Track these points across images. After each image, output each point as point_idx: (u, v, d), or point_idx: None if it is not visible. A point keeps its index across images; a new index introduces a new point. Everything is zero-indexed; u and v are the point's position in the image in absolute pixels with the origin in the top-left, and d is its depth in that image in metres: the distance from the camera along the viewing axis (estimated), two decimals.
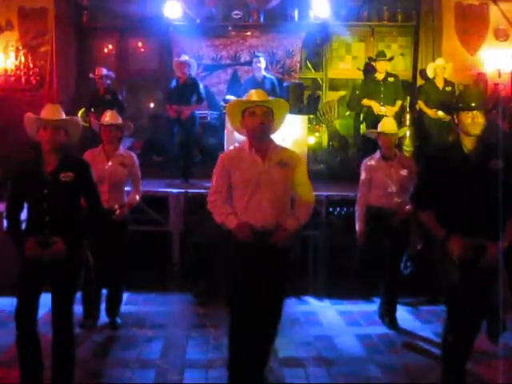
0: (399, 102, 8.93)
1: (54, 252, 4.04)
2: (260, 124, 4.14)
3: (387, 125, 5.96)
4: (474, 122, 3.92)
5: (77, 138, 4.36)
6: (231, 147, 4.43)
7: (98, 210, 4.38)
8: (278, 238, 4.09)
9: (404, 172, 5.83)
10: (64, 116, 4.24)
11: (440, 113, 8.86)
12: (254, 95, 4.24)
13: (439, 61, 9.14)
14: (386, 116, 7.09)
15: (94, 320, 5.85)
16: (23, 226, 4.24)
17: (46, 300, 4.15)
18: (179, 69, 8.99)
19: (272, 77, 9.68)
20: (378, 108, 8.72)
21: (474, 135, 3.96)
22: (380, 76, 8.99)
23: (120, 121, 5.92)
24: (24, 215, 4.24)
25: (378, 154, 5.99)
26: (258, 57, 9.55)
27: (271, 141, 4.31)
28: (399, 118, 9.50)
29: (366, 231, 5.92)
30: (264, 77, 9.45)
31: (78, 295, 4.61)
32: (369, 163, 6.00)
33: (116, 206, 5.69)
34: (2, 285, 6.00)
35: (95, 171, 4.50)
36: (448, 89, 9.00)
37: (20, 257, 4.13)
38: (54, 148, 4.13)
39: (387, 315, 5.99)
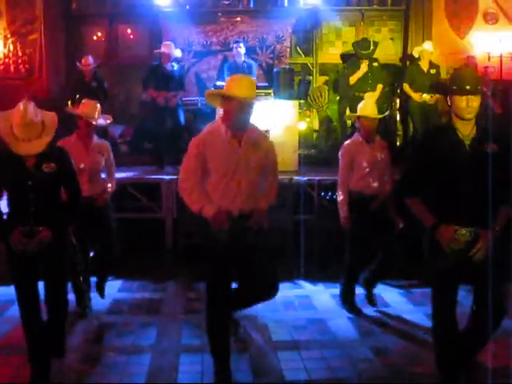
0: (380, 86, 8.93)
1: (40, 241, 4.05)
2: (243, 120, 4.15)
3: (367, 108, 5.87)
4: (468, 105, 3.76)
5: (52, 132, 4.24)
6: (204, 129, 4.36)
7: (79, 196, 4.38)
8: (255, 221, 4.17)
9: (383, 155, 5.83)
10: (38, 117, 4.07)
11: (425, 96, 8.87)
12: (244, 89, 4.11)
13: (427, 44, 9.11)
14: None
15: (84, 307, 5.86)
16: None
17: None
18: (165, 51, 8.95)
19: (252, 62, 9.70)
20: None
21: (468, 119, 3.83)
22: (363, 62, 9.02)
23: (109, 120, 6.06)
24: (3, 207, 4.22)
25: (358, 138, 5.92)
26: (238, 42, 9.66)
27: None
28: (387, 102, 9.51)
29: (351, 216, 5.91)
30: (244, 62, 9.50)
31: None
32: (349, 147, 5.94)
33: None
34: None
35: (75, 162, 4.50)
36: (432, 71, 9.00)
37: (6, 249, 4.12)
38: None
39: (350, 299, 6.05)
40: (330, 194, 7.57)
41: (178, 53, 9.13)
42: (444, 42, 9.53)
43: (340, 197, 5.92)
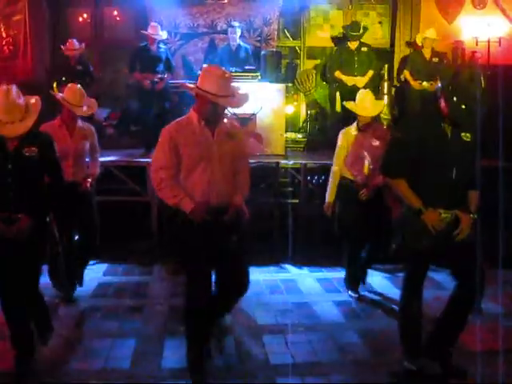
0: (371, 72, 8.98)
1: (18, 228, 4.00)
2: (217, 113, 4.08)
3: (366, 108, 5.84)
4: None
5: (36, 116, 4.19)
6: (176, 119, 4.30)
7: (61, 184, 4.34)
8: (231, 215, 4.11)
9: (377, 143, 5.75)
10: (21, 100, 4.04)
11: (425, 83, 8.88)
12: (215, 81, 4.03)
13: (431, 32, 9.08)
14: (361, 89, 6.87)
15: (67, 292, 5.81)
16: None
17: None
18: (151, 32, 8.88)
19: (247, 45, 9.62)
20: (350, 81, 8.85)
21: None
22: (353, 46, 9.04)
23: (95, 108, 5.96)
24: None
25: (354, 124, 5.93)
26: (233, 26, 9.50)
27: None
28: (374, 87, 9.49)
29: (335, 202, 5.92)
30: (239, 45, 9.40)
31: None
32: (344, 134, 5.95)
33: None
34: None
35: (59, 147, 4.45)
36: (435, 60, 9.02)
37: None
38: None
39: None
40: (316, 177, 7.58)
41: (164, 34, 9.05)
42: (432, 27, 9.47)
43: (330, 183, 5.99)
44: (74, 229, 5.87)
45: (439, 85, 8.21)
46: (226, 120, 4.26)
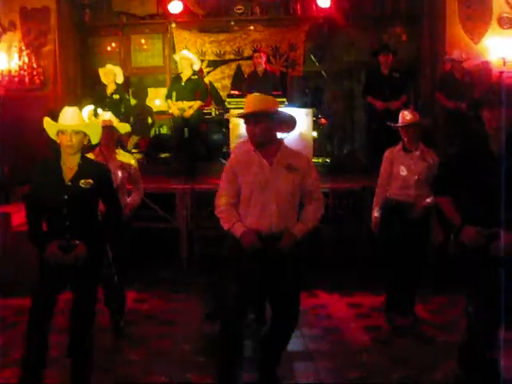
0: (403, 97, 8.89)
1: (76, 256, 4.09)
2: (254, 134, 4.12)
3: (405, 116, 5.86)
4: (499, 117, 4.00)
5: (97, 141, 4.43)
6: (238, 145, 4.38)
7: (117, 212, 4.46)
8: (285, 244, 4.08)
9: (424, 164, 5.67)
10: (83, 119, 4.26)
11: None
12: (249, 102, 4.18)
13: (456, 54, 9.06)
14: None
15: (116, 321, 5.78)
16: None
17: None
18: (184, 64, 9.06)
19: (273, 71, 9.68)
20: (382, 105, 8.78)
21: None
22: (385, 70, 8.99)
23: (115, 122, 5.90)
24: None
25: (399, 145, 5.89)
26: (257, 51, 9.58)
27: (279, 143, 4.25)
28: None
29: (381, 221, 5.86)
30: (265, 70, 9.45)
31: None
32: (389, 154, 5.90)
33: None
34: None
35: None
36: (466, 79, 8.97)
37: (40, 260, 4.17)
38: (73, 152, 4.16)
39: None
40: (344, 202, 7.54)
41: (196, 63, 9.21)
42: (458, 47, 9.44)
43: (374, 201, 5.96)
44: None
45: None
46: (289, 150, 4.26)
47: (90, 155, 5.57)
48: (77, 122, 4.17)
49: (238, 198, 4.19)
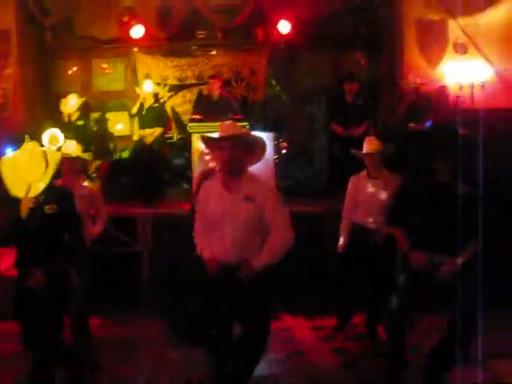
0: (365, 124, 9.01)
1: (33, 283, 4.09)
2: (227, 159, 4.13)
3: (368, 145, 5.94)
4: None
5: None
6: (203, 172, 4.42)
7: (80, 240, 4.50)
8: (243, 274, 4.04)
9: (388, 191, 5.72)
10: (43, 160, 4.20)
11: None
12: (221, 128, 4.22)
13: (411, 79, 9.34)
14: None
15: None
16: None
17: None
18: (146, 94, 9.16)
19: (229, 96, 9.76)
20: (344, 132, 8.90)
21: None
22: (349, 98, 9.13)
23: (80, 152, 5.90)
24: None
25: (364, 172, 6.00)
26: (212, 77, 9.74)
27: (245, 173, 4.24)
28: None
29: (346, 245, 5.96)
30: (221, 96, 9.57)
31: None
32: (354, 181, 6.02)
33: None
34: None
35: None
36: (423, 103, 9.21)
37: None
38: None
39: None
40: (305, 225, 7.59)
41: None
42: (417, 72, 9.65)
43: (341, 226, 6.05)
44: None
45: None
46: (253, 181, 4.26)
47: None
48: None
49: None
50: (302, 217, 7.68)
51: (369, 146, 5.93)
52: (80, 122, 9.19)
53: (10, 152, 4.51)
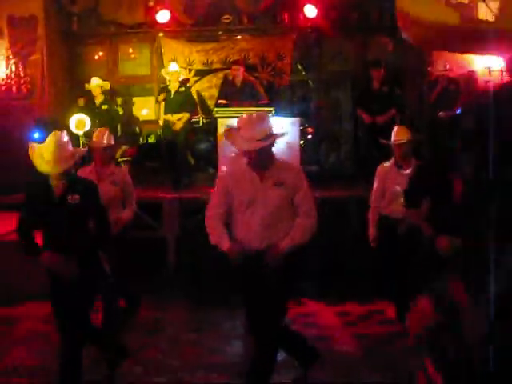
0: (391, 111, 8.95)
1: (67, 272, 4.14)
2: (256, 160, 4.10)
3: (398, 134, 5.90)
4: None
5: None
6: (231, 159, 4.37)
7: (106, 228, 4.50)
8: (270, 258, 4.07)
9: None
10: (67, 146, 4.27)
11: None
12: (246, 128, 4.09)
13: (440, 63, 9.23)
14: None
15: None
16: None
17: None
18: (172, 77, 9.16)
19: (250, 82, 9.72)
20: (368, 119, 8.85)
21: None
22: (375, 85, 9.07)
23: (112, 141, 5.91)
24: None
25: (392, 161, 5.95)
26: (235, 64, 9.66)
27: (273, 158, 4.23)
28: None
29: (378, 236, 5.94)
30: (244, 81, 9.52)
31: None
32: (381, 171, 5.98)
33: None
34: None
35: None
36: (451, 87, 9.08)
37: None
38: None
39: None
40: (330, 210, 7.57)
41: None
42: (445, 58, 9.52)
43: (369, 217, 6.03)
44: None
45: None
46: (281, 164, 4.26)
47: (83, 170, 5.63)
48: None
49: (227, 211, 4.20)
50: (327, 202, 7.68)
51: (398, 135, 5.87)
52: (104, 107, 9.24)
53: (37, 136, 4.51)
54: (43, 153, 4.16)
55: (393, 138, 5.90)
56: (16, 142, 8.46)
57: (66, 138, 4.26)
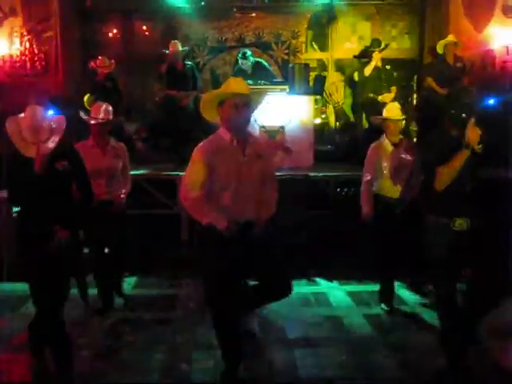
0: (394, 89, 8.99)
1: (58, 241, 4.11)
2: (244, 118, 4.11)
3: (391, 111, 5.86)
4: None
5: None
6: (207, 140, 4.27)
7: (90, 194, 4.52)
8: (259, 230, 4.20)
9: (408, 158, 5.70)
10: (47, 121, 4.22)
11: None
12: (233, 85, 4.11)
13: (450, 37, 9.03)
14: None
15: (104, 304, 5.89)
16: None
17: None
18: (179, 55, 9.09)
19: (259, 59, 9.62)
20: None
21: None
22: (377, 63, 9.04)
23: (111, 116, 5.85)
24: None
25: (383, 139, 5.90)
26: (243, 52, 9.44)
27: (249, 131, 4.30)
28: (403, 102, 9.44)
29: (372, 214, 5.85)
30: (253, 65, 9.36)
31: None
32: (374, 149, 5.92)
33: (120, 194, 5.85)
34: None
35: (92, 166, 4.77)
36: (459, 65, 8.93)
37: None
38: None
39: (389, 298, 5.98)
40: (345, 189, 7.54)
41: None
42: (461, 36, 9.38)
43: (362, 195, 5.93)
44: (104, 242, 5.88)
45: None
46: (254, 138, 4.32)
47: (83, 144, 5.62)
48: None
49: (209, 189, 4.10)
50: (339, 182, 7.66)
51: (392, 112, 5.82)
52: (108, 84, 9.14)
53: (51, 113, 4.47)
54: (24, 135, 4.13)
55: (386, 115, 5.85)
56: None
57: (41, 111, 4.19)
